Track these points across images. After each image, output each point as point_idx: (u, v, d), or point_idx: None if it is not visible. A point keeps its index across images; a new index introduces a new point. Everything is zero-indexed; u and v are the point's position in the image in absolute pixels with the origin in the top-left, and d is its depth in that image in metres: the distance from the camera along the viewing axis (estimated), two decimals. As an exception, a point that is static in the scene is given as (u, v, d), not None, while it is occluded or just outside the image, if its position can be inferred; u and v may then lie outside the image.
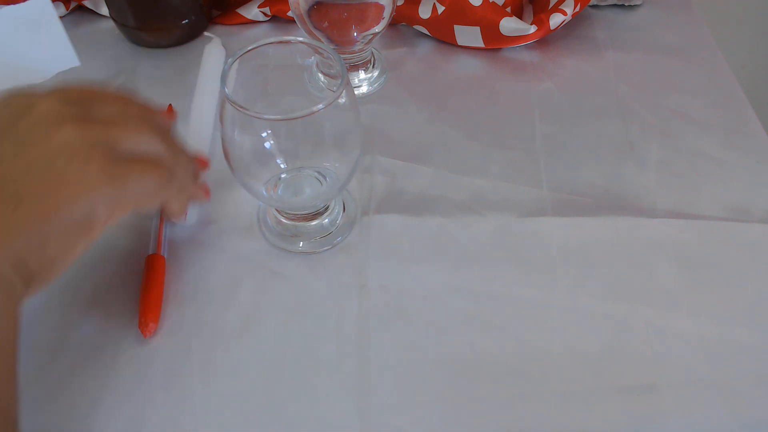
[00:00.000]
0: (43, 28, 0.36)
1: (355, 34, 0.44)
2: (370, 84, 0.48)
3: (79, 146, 0.27)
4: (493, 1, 0.48)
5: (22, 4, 0.35)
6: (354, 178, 0.41)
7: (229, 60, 0.32)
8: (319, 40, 0.44)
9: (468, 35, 0.49)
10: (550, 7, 0.50)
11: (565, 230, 0.39)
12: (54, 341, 0.34)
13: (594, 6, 0.55)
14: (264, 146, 0.34)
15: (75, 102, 0.30)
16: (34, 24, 0.36)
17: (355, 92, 0.47)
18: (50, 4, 0.36)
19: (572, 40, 0.52)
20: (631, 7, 0.55)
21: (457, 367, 0.33)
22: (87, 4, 0.52)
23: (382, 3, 0.43)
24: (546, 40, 0.51)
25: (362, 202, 0.40)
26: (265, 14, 0.52)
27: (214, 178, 0.41)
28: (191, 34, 0.51)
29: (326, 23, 0.43)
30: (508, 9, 0.49)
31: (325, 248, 0.38)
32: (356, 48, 0.46)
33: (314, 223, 0.39)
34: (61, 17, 0.51)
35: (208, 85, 0.45)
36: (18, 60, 0.36)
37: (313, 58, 0.38)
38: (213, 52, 0.48)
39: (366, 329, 0.35)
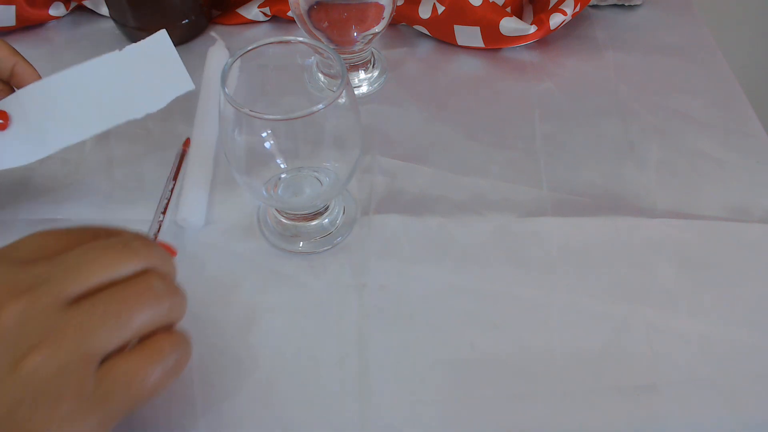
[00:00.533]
0: (163, 59, 0.37)
1: (355, 34, 0.44)
2: (370, 84, 0.48)
3: (46, 380, 0.22)
4: (493, 1, 0.48)
5: (144, 41, 0.37)
6: (354, 178, 0.41)
7: (229, 60, 0.32)
8: (319, 40, 0.44)
9: (468, 35, 0.49)
10: (550, 7, 0.50)
11: (565, 230, 0.39)
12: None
13: (594, 6, 0.55)
14: (264, 146, 0.34)
15: (46, 280, 0.23)
16: (155, 57, 0.37)
17: (355, 92, 0.47)
18: (167, 37, 0.37)
19: (572, 40, 0.52)
20: (631, 7, 0.55)
21: (457, 367, 0.33)
22: (87, 4, 0.52)
23: (382, 3, 0.43)
24: (546, 40, 0.51)
25: (362, 202, 0.40)
26: (265, 14, 0.52)
27: (215, 178, 0.41)
28: (191, 34, 0.51)
29: (326, 23, 0.43)
30: (508, 9, 0.49)
31: (325, 248, 0.38)
32: (356, 48, 0.46)
33: (314, 223, 0.39)
34: (60, 17, 0.52)
35: (213, 88, 0.45)
36: (139, 92, 0.37)
37: (313, 58, 0.38)
38: (217, 54, 0.47)
39: (366, 329, 0.35)
